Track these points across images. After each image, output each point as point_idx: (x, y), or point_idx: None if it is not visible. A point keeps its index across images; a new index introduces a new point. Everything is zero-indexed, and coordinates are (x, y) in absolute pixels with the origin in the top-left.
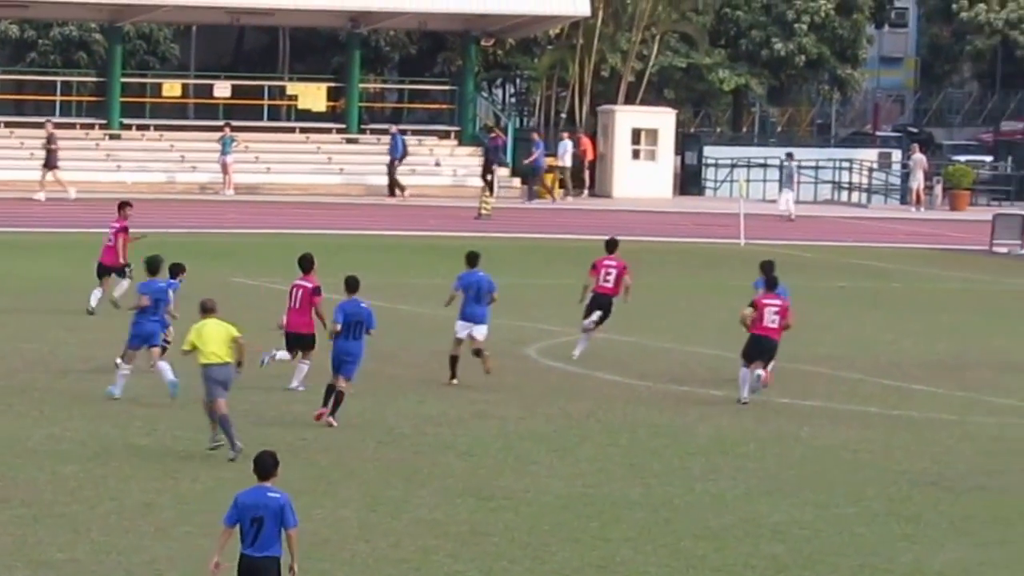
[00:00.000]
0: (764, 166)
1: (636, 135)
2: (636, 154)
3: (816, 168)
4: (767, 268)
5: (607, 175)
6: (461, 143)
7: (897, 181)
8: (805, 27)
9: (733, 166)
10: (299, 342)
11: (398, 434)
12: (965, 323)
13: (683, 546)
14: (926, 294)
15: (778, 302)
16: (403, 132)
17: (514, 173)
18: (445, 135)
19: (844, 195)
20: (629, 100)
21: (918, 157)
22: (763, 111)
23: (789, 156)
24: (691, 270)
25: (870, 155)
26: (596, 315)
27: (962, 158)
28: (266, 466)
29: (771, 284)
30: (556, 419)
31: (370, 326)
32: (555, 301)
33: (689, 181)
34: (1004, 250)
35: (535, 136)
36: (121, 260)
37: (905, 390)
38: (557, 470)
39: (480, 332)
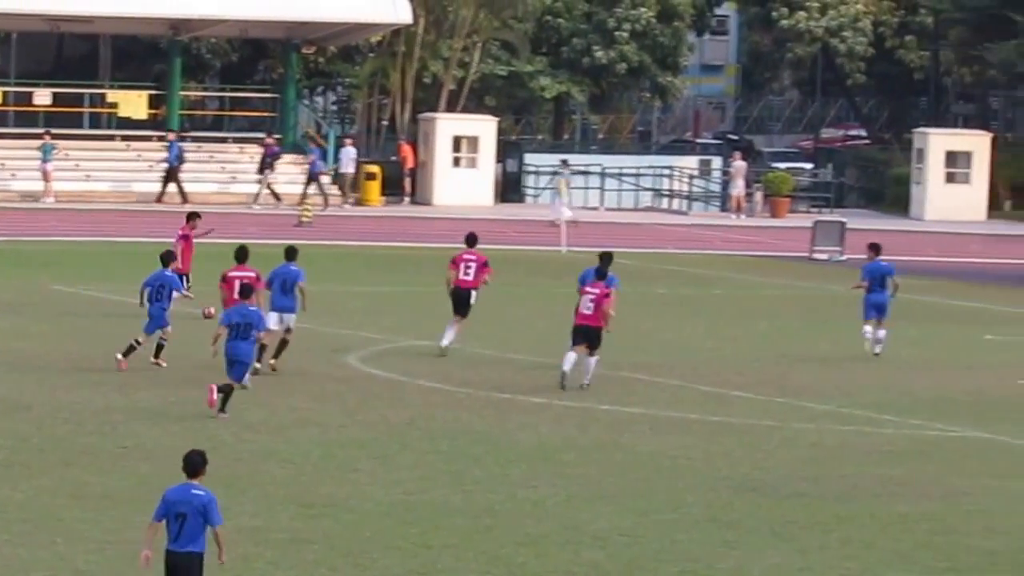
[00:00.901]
0: (586, 173)
1: (457, 142)
2: (457, 161)
3: (637, 175)
4: (603, 259)
5: (428, 182)
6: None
7: (718, 188)
8: (626, 35)
9: (555, 173)
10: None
11: (219, 441)
12: (785, 329)
13: (504, 553)
14: (747, 300)
15: (595, 291)
16: (183, 139)
17: (335, 180)
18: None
19: (665, 202)
20: (450, 108)
21: (738, 164)
22: (584, 118)
23: (564, 163)
24: (513, 277)
25: (691, 162)
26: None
27: (782, 165)
28: (194, 464)
29: (600, 274)
30: (377, 426)
31: (259, 328)
32: (376, 308)
33: (510, 188)
34: (824, 256)
35: (313, 142)
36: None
37: (725, 396)
38: (378, 477)
39: (291, 321)
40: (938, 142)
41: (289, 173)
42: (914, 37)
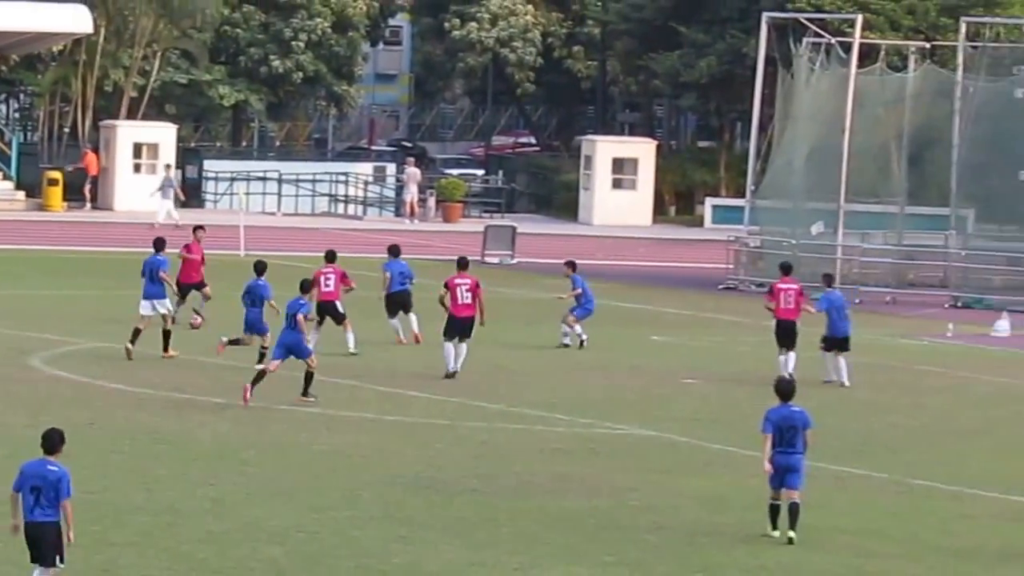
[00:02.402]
0: (264, 179)
1: (138, 149)
2: (138, 168)
3: (313, 181)
4: (461, 262)
5: (109, 188)
6: None
7: (392, 194)
8: (303, 45)
9: (233, 179)
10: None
11: None
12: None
13: (185, 550)
14: (421, 303)
15: (467, 282)
16: None
17: (19, 186)
18: None
19: (341, 207)
20: (131, 115)
21: (412, 171)
22: (262, 126)
23: (167, 167)
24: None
25: (366, 169)
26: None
27: (454, 171)
28: (52, 441)
29: (461, 265)
30: (61, 426)
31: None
32: (58, 311)
33: (190, 194)
34: (495, 260)
35: None
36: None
37: (400, 396)
38: None
39: (163, 307)
40: (605, 149)
41: None
42: (582, 48)
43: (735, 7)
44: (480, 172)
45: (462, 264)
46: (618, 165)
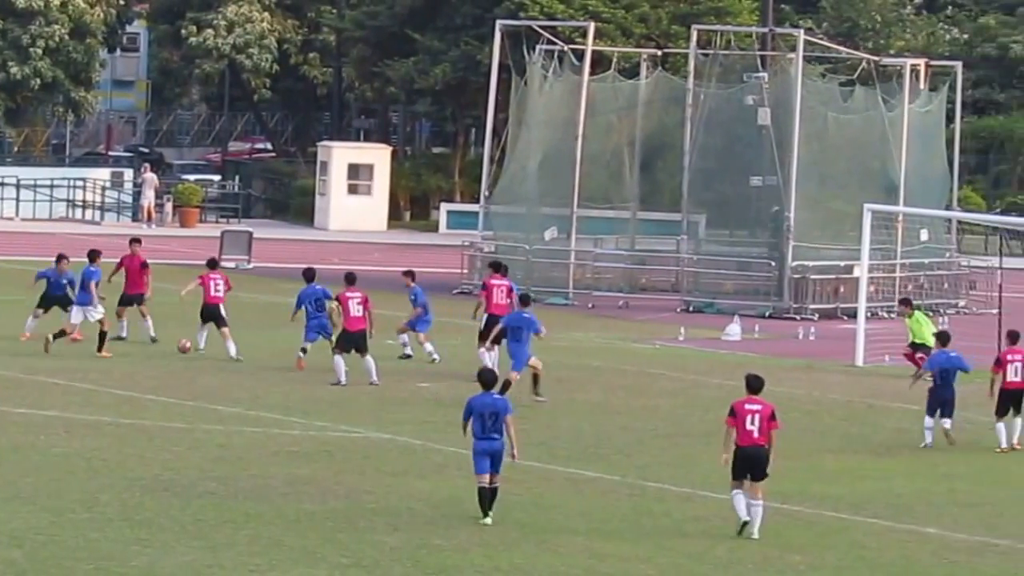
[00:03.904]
0: (2, 185)
1: None
2: None
3: (51, 186)
4: (349, 277)
5: None
6: None
7: (129, 199)
8: (40, 51)
9: None
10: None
11: None
12: (192, 334)
13: None
14: (159, 308)
15: (358, 296)
16: None
17: None
18: None
19: (79, 212)
20: None
21: (149, 176)
22: (0, 131)
23: None
24: None
25: (103, 174)
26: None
27: (191, 177)
28: None
29: (350, 280)
30: None
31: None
32: None
33: None
34: (232, 265)
35: None
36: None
37: (138, 400)
38: None
39: (92, 315)
40: (341, 155)
41: None
42: (317, 54)
43: (469, 15)
44: (217, 177)
45: (350, 279)
46: (353, 171)
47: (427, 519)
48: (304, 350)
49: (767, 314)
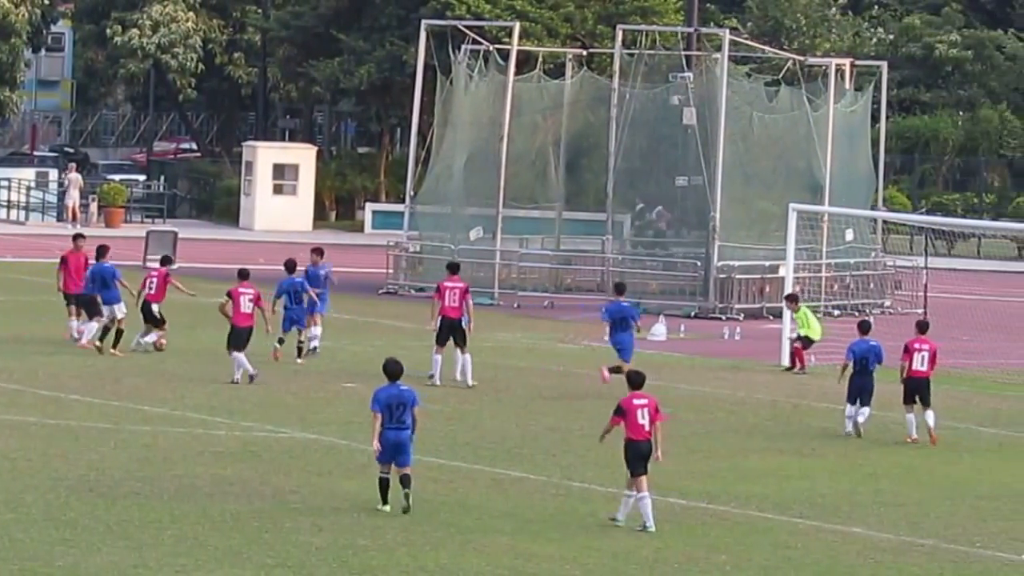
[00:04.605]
0: None
1: None
2: None
3: None
4: (242, 273)
5: None
6: None
7: (54, 199)
8: None
9: None
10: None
11: None
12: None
13: None
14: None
15: (251, 292)
16: None
17: None
18: None
19: (3, 213)
20: None
21: (73, 176)
22: None
23: None
24: None
25: (28, 174)
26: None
27: (116, 177)
28: None
29: (242, 275)
30: None
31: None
32: None
33: None
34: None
35: None
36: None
37: (63, 400)
38: None
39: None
40: (266, 155)
41: None
42: (243, 54)
43: (394, 15)
44: (142, 177)
45: (243, 274)
46: (279, 171)
47: (353, 519)
48: (281, 340)
49: (692, 314)
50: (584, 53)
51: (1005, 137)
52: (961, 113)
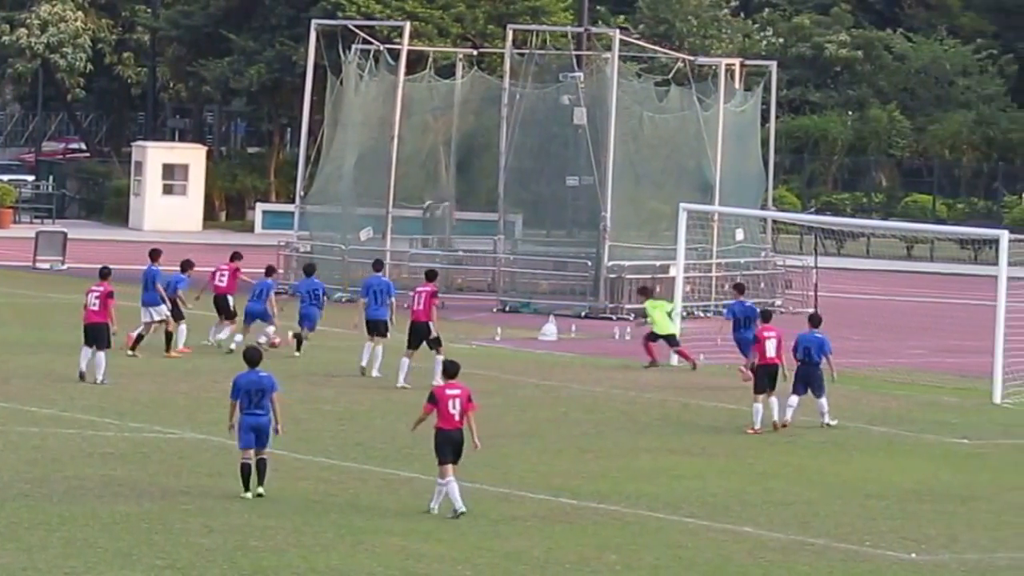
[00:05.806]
0: None
1: None
2: None
3: None
4: (103, 272)
5: None
6: None
7: None
8: None
9: None
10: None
11: None
12: (9, 336)
13: None
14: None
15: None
16: None
17: None
18: None
19: None
20: None
21: None
22: None
23: None
24: None
25: None
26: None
27: (5, 177)
28: None
29: (103, 275)
30: None
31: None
32: None
33: None
34: (46, 265)
35: None
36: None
37: None
38: None
39: (159, 313)
40: (156, 155)
41: None
42: (132, 54)
43: (284, 15)
44: (30, 178)
45: (104, 273)
46: (168, 171)
47: (243, 520)
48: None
49: (583, 314)
50: (475, 53)
51: (894, 137)
52: (850, 113)
